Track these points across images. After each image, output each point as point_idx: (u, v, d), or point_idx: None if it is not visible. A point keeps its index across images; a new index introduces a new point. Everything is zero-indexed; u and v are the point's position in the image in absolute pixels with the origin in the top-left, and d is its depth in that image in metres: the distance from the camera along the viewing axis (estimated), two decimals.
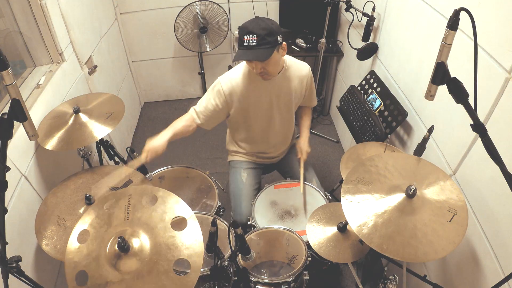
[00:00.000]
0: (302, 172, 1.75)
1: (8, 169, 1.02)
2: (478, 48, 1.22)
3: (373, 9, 2.18)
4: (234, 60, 1.47)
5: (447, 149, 1.51)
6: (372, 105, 2.07)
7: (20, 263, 1.09)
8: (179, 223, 1.08)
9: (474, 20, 0.82)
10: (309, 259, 1.44)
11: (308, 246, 1.40)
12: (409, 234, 1.04)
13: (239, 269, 1.41)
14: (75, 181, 1.51)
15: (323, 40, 2.67)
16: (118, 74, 2.94)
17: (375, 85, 2.12)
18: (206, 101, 1.62)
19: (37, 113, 1.60)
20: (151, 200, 1.14)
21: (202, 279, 1.37)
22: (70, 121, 1.57)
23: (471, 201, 1.34)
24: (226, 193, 2.01)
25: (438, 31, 1.52)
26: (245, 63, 1.59)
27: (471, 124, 0.89)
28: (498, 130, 1.15)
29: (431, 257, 1.02)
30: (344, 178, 1.30)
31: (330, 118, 3.43)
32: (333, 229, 1.38)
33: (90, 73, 2.25)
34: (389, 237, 1.04)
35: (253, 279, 1.37)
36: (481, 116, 1.23)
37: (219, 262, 1.25)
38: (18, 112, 0.98)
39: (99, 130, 1.55)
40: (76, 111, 1.58)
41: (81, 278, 1.00)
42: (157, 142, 1.50)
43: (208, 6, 2.90)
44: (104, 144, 1.85)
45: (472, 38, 0.87)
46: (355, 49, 2.31)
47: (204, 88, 3.43)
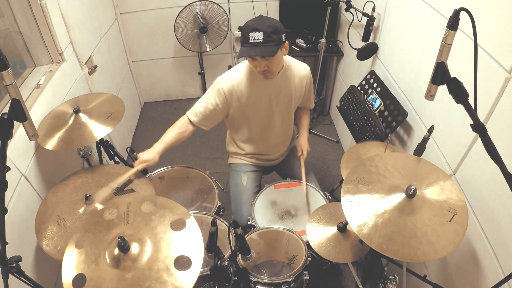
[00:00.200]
0: (303, 172, 1.74)
1: (8, 169, 1.02)
2: (478, 48, 1.22)
3: (373, 9, 2.18)
4: (239, 57, 1.46)
5: (447, 149, 1.51)
6: (372, 105, 2.06)
7: (20, 263, 1.09)
8: (179, 224, 1.08)
9: (474, 20, 0.82)
10: (309, 259, 1.44)
11: (308, 246, 1.40)
12: (409, 234, 1.04)
13: (239, 269, 1.41)
14: (75, 180, 1.51)
15: (323, 40, 2.67)
16: (118, 74, 2.94)
17: (375, 85, 2.12)
18: (206, 100, 1.61)
19: (37, 113, 1.60)
20: (151, 205, 1.15)
21: (202, 279, 1.37)
22: (70, 121, 1.57)
23: (471, 201, 1.34)
24: (226, 193, 2.01)
25: (438, 31, 1.52)
26: (245, 62, 1.59)
27: (471, 124, 0.89)
28: (498, 130, 1.16)
29: (431, 257, 1.02)
30: (344, 178, 1.30)
31: (330, 118, 3.43)
32: (333, 229, 1.38)
33: (90, 73, 2.25)
34: (389, 237, 1.04)
35: (253, 279, 1.37)
36: (481, 116, 1.23)
37: (219, 262, 1.25)
38: (18, 112, 0.98)
39: (99, 130, 1.55)
40: (76, 111, 1.58)
41: (79, 281, 0.99)
42: (148, 156, 1.53)
43: (208, 6, 2.91)
44: (104, 144, 1.86)
45: (472, 38, 0.87)
46: (355, 49, 2.31)
47: (204, 88, 3.43)
